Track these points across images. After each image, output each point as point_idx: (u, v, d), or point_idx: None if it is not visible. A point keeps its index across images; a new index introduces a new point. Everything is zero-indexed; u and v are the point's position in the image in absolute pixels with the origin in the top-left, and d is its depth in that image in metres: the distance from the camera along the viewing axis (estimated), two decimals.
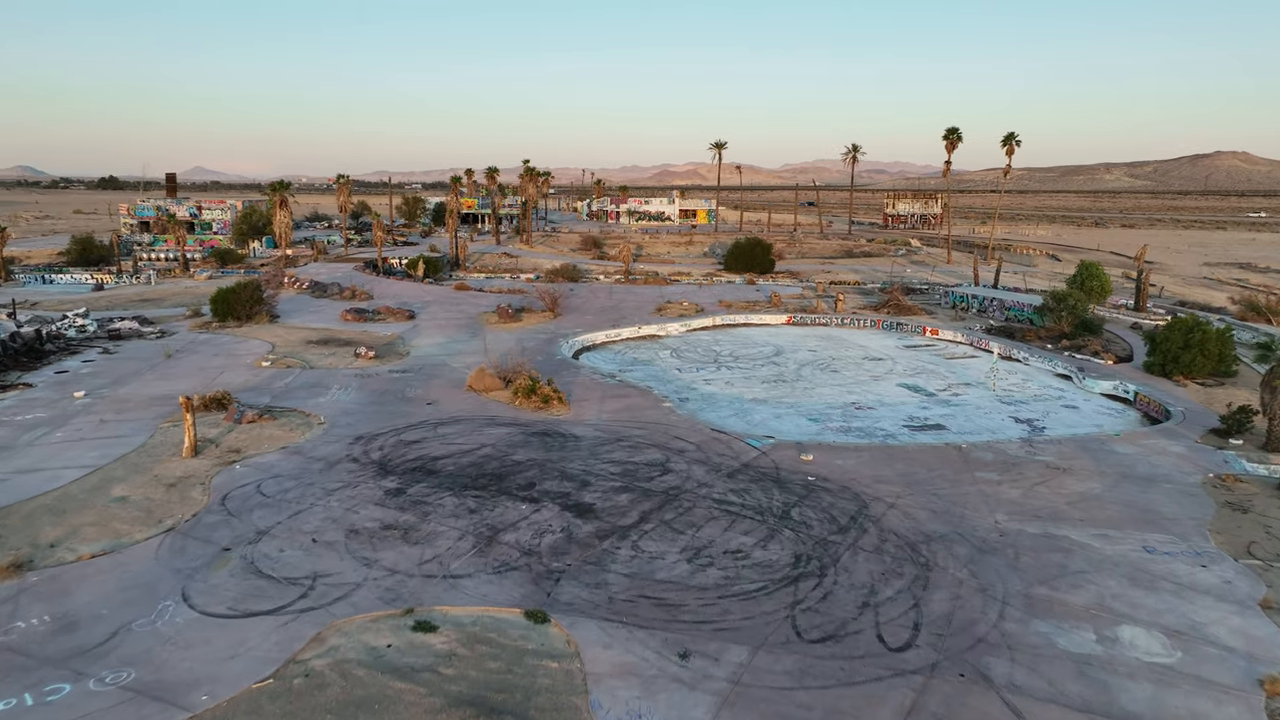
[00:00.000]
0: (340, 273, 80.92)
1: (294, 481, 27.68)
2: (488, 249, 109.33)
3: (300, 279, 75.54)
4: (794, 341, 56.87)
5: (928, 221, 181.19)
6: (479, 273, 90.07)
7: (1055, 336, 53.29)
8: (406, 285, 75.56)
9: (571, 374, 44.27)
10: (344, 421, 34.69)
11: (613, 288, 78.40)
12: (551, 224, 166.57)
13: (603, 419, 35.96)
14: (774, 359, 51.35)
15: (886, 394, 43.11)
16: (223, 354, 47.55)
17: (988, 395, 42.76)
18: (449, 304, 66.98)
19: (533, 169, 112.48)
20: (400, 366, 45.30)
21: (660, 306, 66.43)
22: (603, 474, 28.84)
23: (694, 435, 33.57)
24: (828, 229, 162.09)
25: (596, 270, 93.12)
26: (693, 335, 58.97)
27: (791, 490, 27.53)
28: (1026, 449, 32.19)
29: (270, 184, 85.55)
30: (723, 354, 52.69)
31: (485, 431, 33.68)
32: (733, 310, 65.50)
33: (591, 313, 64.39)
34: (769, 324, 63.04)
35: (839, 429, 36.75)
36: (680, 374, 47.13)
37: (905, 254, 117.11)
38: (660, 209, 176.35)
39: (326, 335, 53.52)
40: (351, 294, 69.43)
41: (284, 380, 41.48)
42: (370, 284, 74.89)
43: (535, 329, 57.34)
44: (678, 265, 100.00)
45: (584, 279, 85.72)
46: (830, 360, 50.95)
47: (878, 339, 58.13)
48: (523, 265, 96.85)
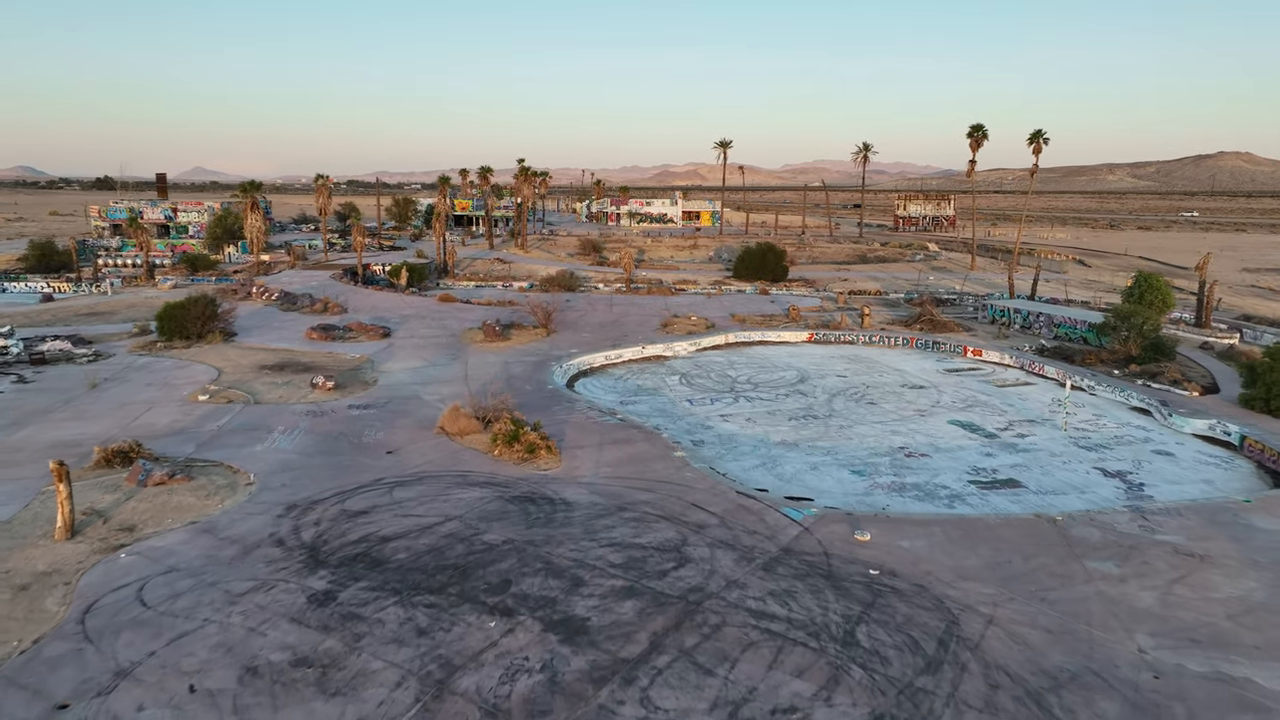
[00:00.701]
0: (315, 282, 74.09)
1: (191, 581, 20.85)
2: (480, 254, 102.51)
3: (269, 289, 68.72)
4: (819, 364, 50.04)
5: (940, 224, 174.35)
6: (469, 280, 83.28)
7: (1121, 360, 46.43)
8: (386, 296, 68.72)
9: (564, 409, 37.45)
10: (278, 481, 27.86)
11: (613, 299, 71.55)
12: (549, 226, 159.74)
13: (600, 475, 29.15)
14: (799, 387, 44.51)
15: (938, 434, 36.26)
16: (157, 383, 40.71)
17: (1059, 436, 35.93)
18: (431, 318, 60.12)
19: (528, 169, 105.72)
20: (362, 400, 38.45)
21: (666, 321, 59.57)
22: (600, 566, 22.01)
23: (715, 501, 26.75)
24: (836, 231, 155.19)
25: (596, 278, 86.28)
26: (703, 356, 52.13)
27: (851, 593, 20.71)
28: (1139, 522, 25.34)
29: (241, 184, 78.77)
30: (739, 380, 45.85)
31: (453, 496, 26.86)
32: (747, 326, 58.63)
33: (589, 329, 57.53)
34: (788, 342, 56.19)
35: (891, 486, 29.94)
36: (692, 407, 40.30)
37: (924, 259, 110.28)
38: (662, 210, 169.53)
39: (285, 358, 46.67)
40: (323, 307, 62.59)
41: (219, 420, 34.63)
42: (346, 295, 68.05)
43: (525, 349, 50.49)
44: (683, 272, 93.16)
45: (582, 288, 78.89)
46: (864, 389, 44.09)
47: (913, 360, 51.25)
48: (516, 272, 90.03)
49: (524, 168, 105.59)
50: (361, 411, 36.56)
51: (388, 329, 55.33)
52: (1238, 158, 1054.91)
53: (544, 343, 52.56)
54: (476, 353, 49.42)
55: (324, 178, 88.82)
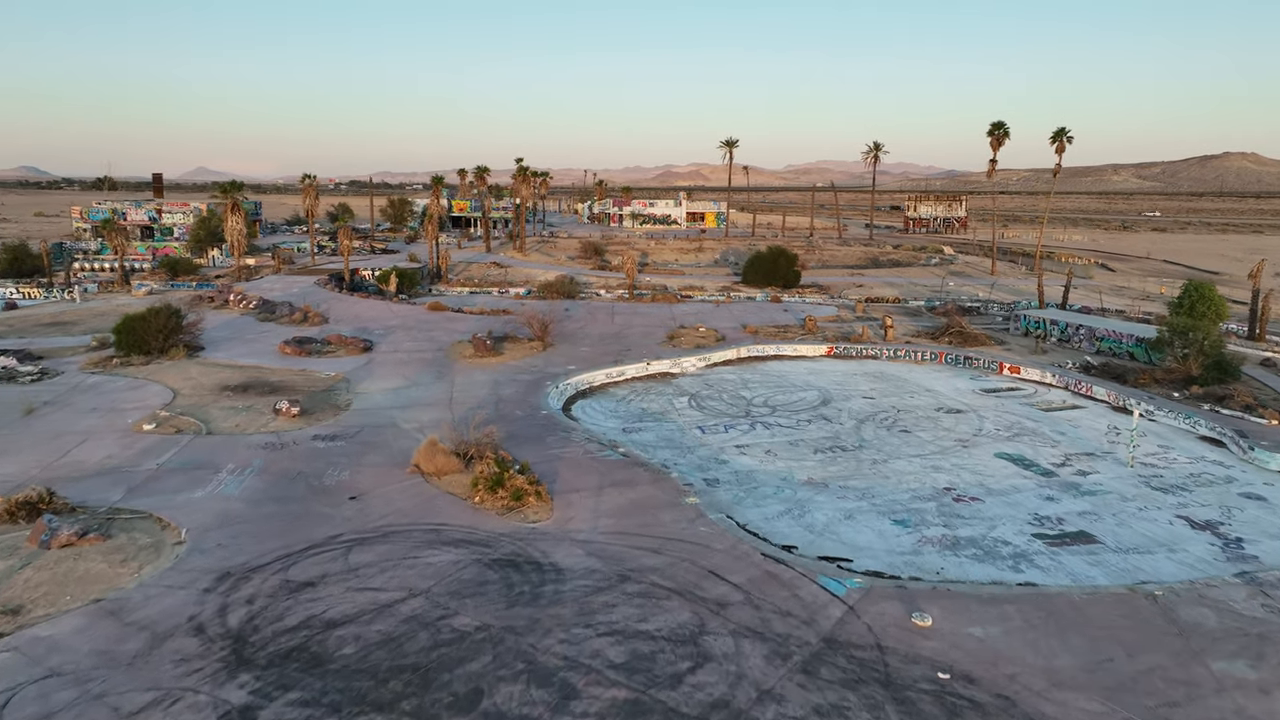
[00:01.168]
0: (298, 288, 69.57)
1: (72, 693, 16.30)
2: (476, 257, 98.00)
3: (248, 297, 64.21)
4: (841, 382, 45.42)
5: (951, 225, 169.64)
6: (462, 286, 78.76)
7: (1179, 381, 41.80)
8: (372, 304, 64.16)
9: (559, 440, 32.88)
10: (214, 539, 23.33)
11: (615, 306, 66.96)
12: (550, 228, 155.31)
13: (599, 529, 24.58)
14: (822, 410, 39.90)
15: (987, 471, 31.66)
16: (103, 408, 36.19)
17: (1127, 474, 31.32)
18: (418, 329, 55.57)
19: (526, 168, 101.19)
20: (330, 429, 33.89)
21: (672, 333, 54.97)
22: (596, 667, 17.43)
23: (736, 566, 22.17)
24: (844, 233, 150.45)
25: (597, 283, 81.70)
26: (714, 374, 47.53)
27: (919, 711, 16.12)
28: (1260, 600, 20.73)
29: (221, 185, 74.34)
30: (755, 402, 41.26)
31: (422, 560, 22.31)
32: (760, 338, 54.03)
33: (589, 341, 52.96)
34: (806, 356, 51.57)
35: (942, 541, 25.34)
36: (703, 436, 35.71)
37: (939, 263, 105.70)
38: (666, 211, 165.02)
39: (252, 377, 42.13)
40: (303, 316, 58.06)
41: (161, 456, 30.10)
42: (330, 303, 63.53)
43: (519, 365, 45.94)
44: (688, 277, 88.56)
45: (582, 295, 74.34)
46: (895, 413, 39.47)
47: (945, 378, 46.62)
48: (513, 277, 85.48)
49: (522, 167, 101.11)
50: (327, 444, 32.01)
51: (369, 342, 50.76)
52: (1244, 158, 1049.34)
53: (540, 357, 48.00)
54: (465, 370, 44.86)
55: (311, 177, 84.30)
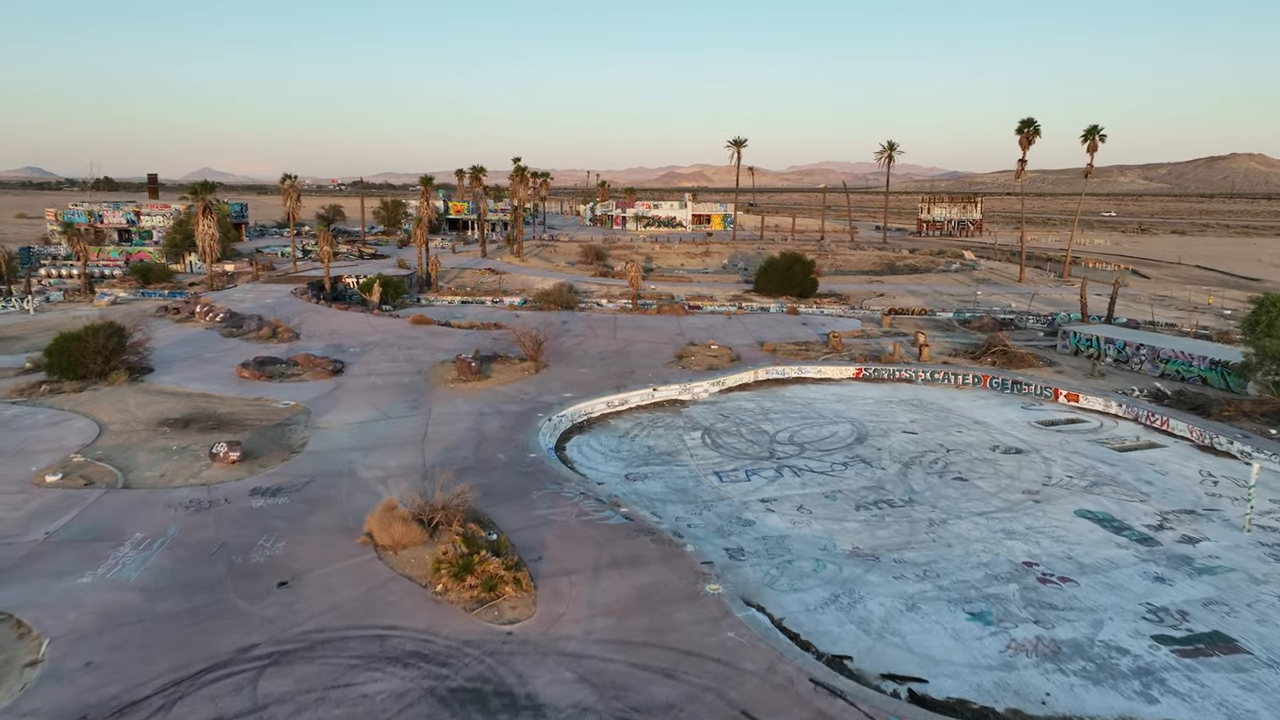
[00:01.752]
0: (273, 299, 63.96)
1: None
2: (470, 263, 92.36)
3: (215, 309, 58.61)
4: (876, 412, 39.67)
5: (966, 228, 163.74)
6: (454, 295, 73.09)
7: (1275, 414, 36.00)
8: (351, 317, 58.47)
9: (548, 498, 27.13)
10: (84, 655, 17.65)
11: (618, 319, 61.24)
12: (550, 230, 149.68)
13: (594, 636, 18.86)
14: (857, 449, 34.16)
15: (1071, 536, 25.88)
16: (8, 450, 30.51)
17: (1243, 540, 25.56)
18: (398, 347, 49.91)
19: (523, 168, 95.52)
20: (273, 479, 28.20)
21: (681, 351, 49.25)
22: None
23: (777, 701, 16.42)
24: (855, 236, 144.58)
25: (598, 292, 76.06)
26: (730, 401, 41.80)
27: None
28: None
29: (193, 185, 68.75)
30: (779, 438, 35.52)
31: (355, 692, 16.59)
32: (779, 357, 48.30)
33: (589, 361, 47.27)
34: (832, 380, 45.85)
35: (1036, 648, 19.58)
36: (721, 485, 29.99)
37: (960, 268, 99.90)
38: (671, 214, 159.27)
39: (198, 408, 36.48)
40: (272, 332, 52.43)
41: (55, 521, 24.43)
42: (303, 316, 57.89)
43: (508, 392, 40.25)
44: (696, 285, 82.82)
45: (583, 304, 68.69)
46: (944, 453, 33.71)
47: (993, 408, 40.83)
48: (509, 285, 79.82)
49: (519, 167, 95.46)
50: (266, 501, 26.31)
51: (340, 363, 45.09)
52: (1251, 159, 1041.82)
53: (532, 381, 42.32)
54: (446, 398, 39.17)
55: (291, 178, 78.67)
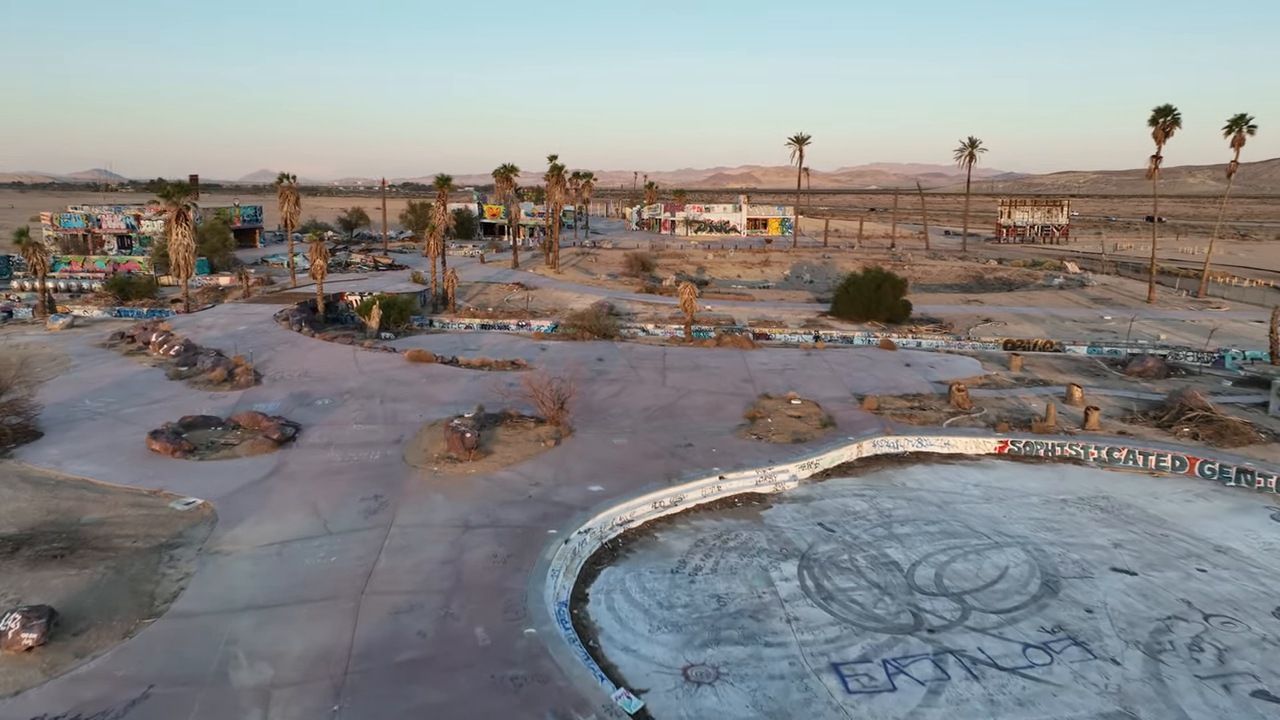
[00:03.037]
0: (248, 324, 52.89)
1: None
2: (499, 275, 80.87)
3: (172, 339, 47.64)
4: (1053, 523, 26.75)
5: (1050, 234, 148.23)
6: (472, 317, 61.46)
7: None
8: (334, 351, 46.97)
9: None
10: None
11: (667, 354, 48.97)
12: (593, 235, 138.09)
13: None
14: (1050, 607, 21.33)
15: None
16: None
17: None
18: (381, 398, 38.23)
19: (560, 167, 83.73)
20: (79, 693, 16.45)
21: (753, 409, 36.77)
22: None
23: None
24: (920, 242, 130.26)
25: (643, 313, 63.95)
26: (829, 494, 29.25)
27: None
28: None
29: (170, 184, 58.08)
30: (919, 578, 22.87)
31: None
32: (887, 419, 35.57)
33: (628, 423, 35.08)
34: (965, 456, 33.04)
35: None
36: (848, 699, 17.49)
37: (1064, 283, 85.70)
38: (724, 217, 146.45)
39: (55, 512, 24.97)
40: (227, 373, 41.13)
41: None
42: (277, 349, 46.62)
43: (511, 480, 28.23)
44: (760, 304, 70.10)
45: (624, 328, 56.59)
46: (1200, 620, 20.65)
47: (1228, 516, 27.57)
48: (539, 303, 68.05)
49: (555, 166, 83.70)
50: None
51: (294, 427, 33.45)
52: None
53: (549, 459, 30.27)
54: (422, 492, 27.27)
55: (289, 178, 67.76)
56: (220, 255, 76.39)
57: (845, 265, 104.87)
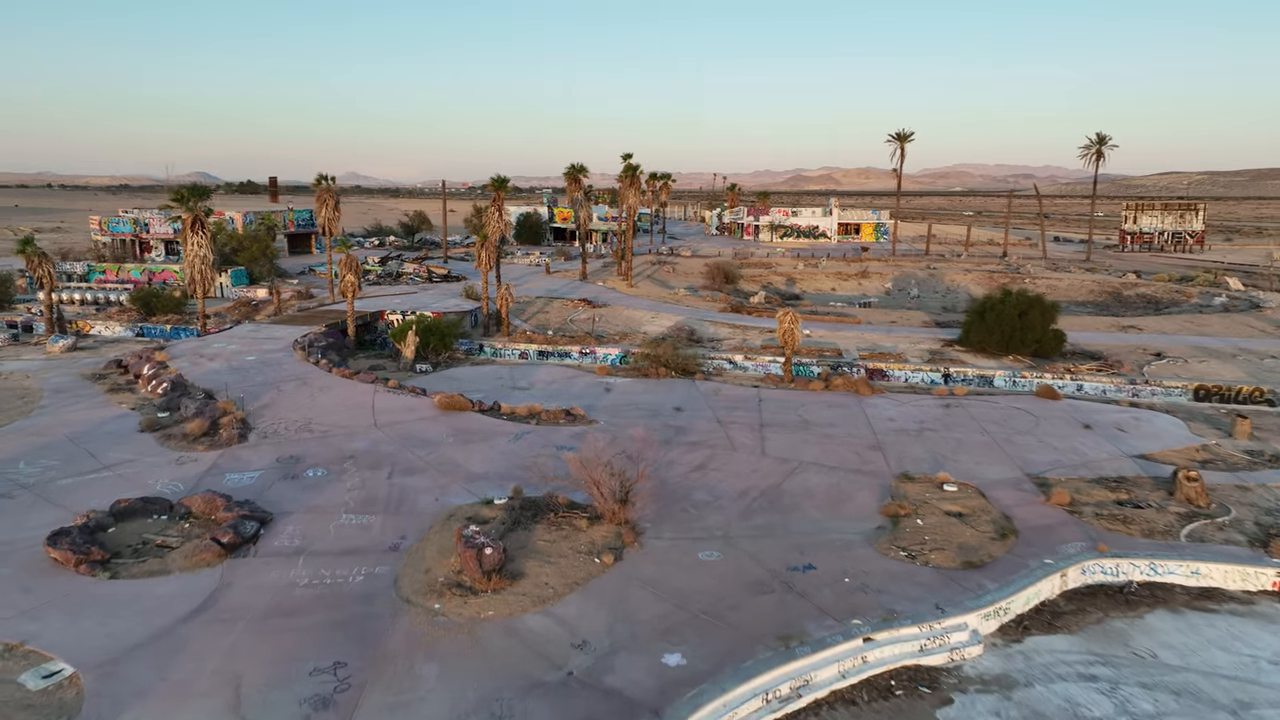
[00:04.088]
0: (260, 352, 44.67)
1: None
2: (564, 288, 71.76)
3: (163, 373, 39.62)
4: None
5: (1182, 241, 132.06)
6: (528, 343, 52.26)
7: None
8: (350, 392, 38.12)
9: None
10: None
11: (762, 400, 38.72)
12: (671, 241, 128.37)
13: None
14: None
15: None
16: None
17: None
18: (390, 467, 29.04)
19: (635, 167, 74.14)
20: None
21: (894, 505, 26.24)
22: None
23: None
24: (1030, 250, 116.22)
25: (730, 339, 53.80)
26: (1037, 672, 18.71)
27: None
28: None
29: (179, 189, 50.40)
30: None
31: None
32: (1089, 520, 24.66)
33: (718, 525, 24.97)
34: (1223, 591, 22.01)
35: None
36: None
37: (1227, 303, 72.11)
38: (812, 222, 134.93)
39: None
40: (211, 423, 32.59)
41: None
42: (283, 387, 38.06)
43: (543, 635, 18.53)
44: (868, 329, 59.04)
45: (708, 359, 46.57)
46: None
47: None
48: (608, 325, 58.53)
49: (630, 166, 74.10)
50: None
51: (257, 522, 24.38)
52: None
53: (602, 594, 20.49)
54: (405, 662, 17.80)
55: (327, 179, 59.81)
56: (260, 265, 69.23)
57: (955, 278, 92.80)
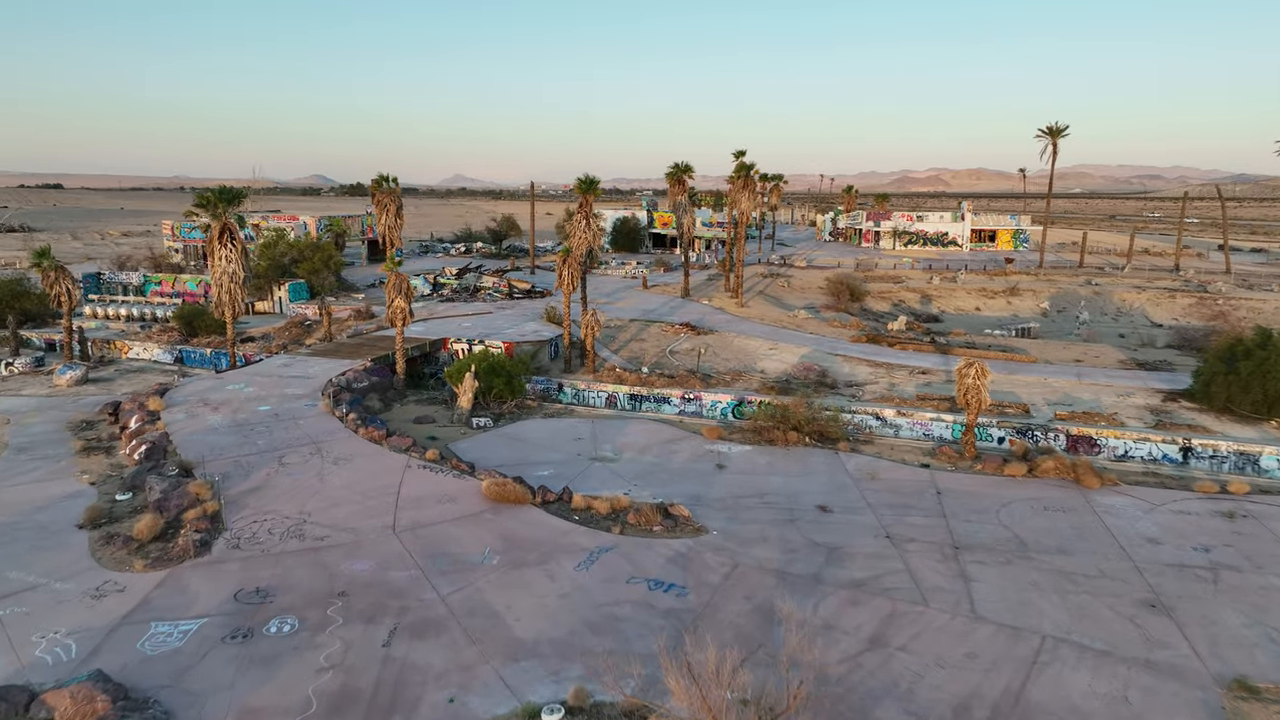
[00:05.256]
0: (285, 396, 35.63)
1: None
2: (664, 306, 61.37)
3: (151, 428, 30.93)
4: None
5: None
6: (618, 383, 41.90)
7: None
8: (374, 468, 28.34)
9: None
10: None
11: (941, 496, 27.13)
12: (781, 249, 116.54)
13: None
14: None
15: None
16: None
17: None
18: (391, 621, 19.08)
19: (749, 167, 63.10)
20: None
21: None
22: None
23: None
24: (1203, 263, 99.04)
25: (871, 381, 42.11)
26: None
27: None
28: None
29: (206, 191, 42.24)
30: None
31: None
32: None
33: None
34: None
35: None
36: None
37: None
38: (940, 228, 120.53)
39: None
40: (175, 515, 23.41)
41: None
42: (290, 455, 28.69)
43: None
44: (1044, 368, 46.11)
45: (850, 413, 35.09)
46: None
47: None
48: (716, 357, 47.69)
49: (743, 165, 63.12)
50: None
51: None
52: None
53: None
54: None
55: (388, 180, 51.07)
56: (322, 277, 61.36)
57: (1125, 296, 78.06)
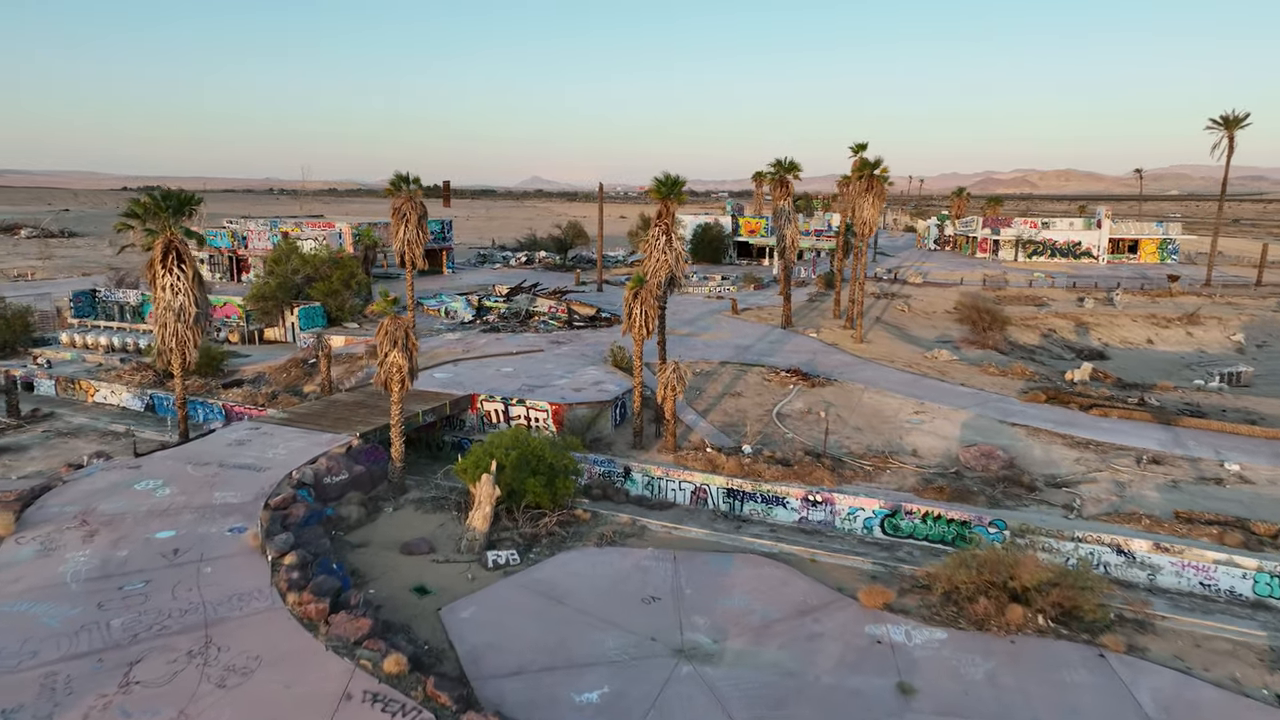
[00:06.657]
0: (215, 503, 23.82)
1: None
2: (762, 342, 48.31)
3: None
4: None
5: None
6: (710, 473, 29.01)
7: None
8: (306, 681, 16.26)
9: None
10: None
11: None
12: (884, 259, 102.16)
13: None
14: None
15: None
16: None
17: None
18: None
19: (875, 164, 49.49)
20: None
21: None
22: None
23: None
24: None
25: (1075, 470, 28.23)
26: None
27: None
28: None
29: (144, 197, 30.86)
30: None
31: None
32: None
33: None
34: None
35: None
36: None
37: None
38: (1072, 236, 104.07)
39: None
40: None
41: None
42: (159, 664, 16.77)
43: None
44: None
45: (1070, 550, 21.45)
46: None
47: None
48: (844, 425, 34.29)
49: (864, 161, 49.62)
50: None
51: None
52: None
53: None
54: None
55: (408, 182, 39.44)
56: (341, 299, 50.14)
57: None
